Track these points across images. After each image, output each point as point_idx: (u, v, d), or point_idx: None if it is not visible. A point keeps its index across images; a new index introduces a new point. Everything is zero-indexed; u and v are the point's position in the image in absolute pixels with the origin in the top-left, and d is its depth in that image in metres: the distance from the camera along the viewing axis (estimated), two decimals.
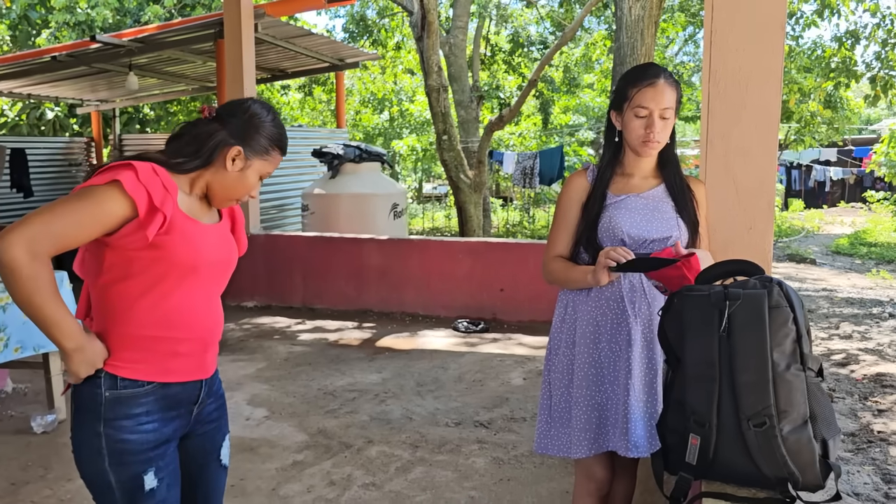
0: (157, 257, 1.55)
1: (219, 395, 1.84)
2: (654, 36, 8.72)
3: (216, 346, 1.77)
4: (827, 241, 14.59)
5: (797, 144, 19.48)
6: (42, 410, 4.09)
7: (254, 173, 1.69)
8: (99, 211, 1.47)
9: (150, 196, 1.50)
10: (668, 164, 2.12)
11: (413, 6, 9.97)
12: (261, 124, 1.68)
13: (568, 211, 2.14)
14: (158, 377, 1.61)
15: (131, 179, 1.48)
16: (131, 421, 1.58)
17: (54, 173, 10.94)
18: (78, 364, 1.54)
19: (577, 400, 2.09)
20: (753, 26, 2.17)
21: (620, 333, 2.05)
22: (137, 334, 1.58)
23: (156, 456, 1.62)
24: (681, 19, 16.94)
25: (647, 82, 2.00)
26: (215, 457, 1.83)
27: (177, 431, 1.69)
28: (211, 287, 1.69)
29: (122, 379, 1.57)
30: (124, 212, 1.49)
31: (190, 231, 1.59)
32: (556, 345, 2.19)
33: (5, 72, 9.29)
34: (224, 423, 1.86)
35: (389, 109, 21.31)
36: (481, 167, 10.50)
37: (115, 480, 1.58)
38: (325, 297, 7.00)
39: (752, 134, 2.20)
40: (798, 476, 1.49)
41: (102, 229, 1.49)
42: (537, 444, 2.21)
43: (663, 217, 2.05)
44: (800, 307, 1.54)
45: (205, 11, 14.10)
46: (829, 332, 6.24)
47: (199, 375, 1.70)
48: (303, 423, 4.01)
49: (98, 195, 1.47)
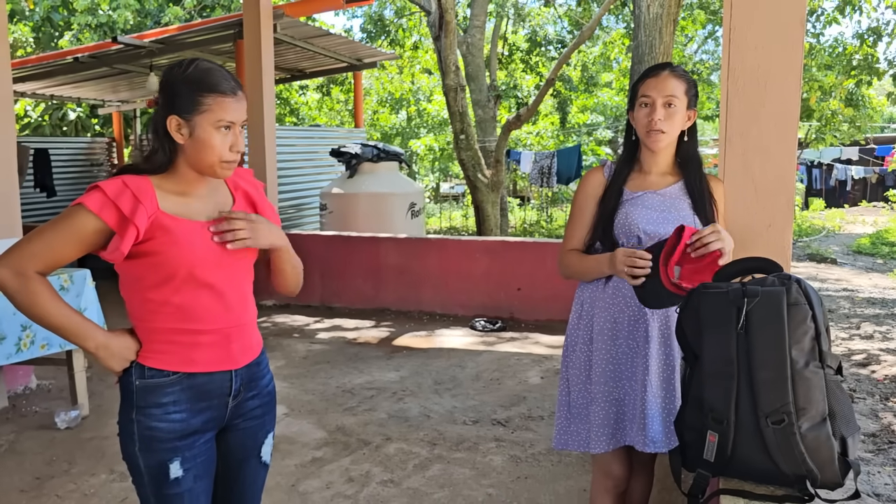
0: (153, 262, 1.60)
1: (265, 392, 1.83)
2: (672, 34, 8.67)
3: (246, 338, 1.74)
4: (848, 241, 14.43)
5: (818, 143, 19.27)
6: (66, 406, 4.15)
7: (207, 131, 1.59)
8: (69, 231, 1.57)
9: (118, 210, 1.56)
10: (688, 162, 2.11)
11: (431, 6, 9.99)
12: (177, 82, 1.60)
13: (584, 206, 2.16)
14: (183, 367, 1.65)
15: (95, 199, 1.56)
16: (160, 410, 1.64)
17: (76, 173, 11.09)
18: (105, 360, 1.63)
19: (595, 396, 2.10)
20: (772, 24, 2.16)
21: (638, 330, 2.06)
22: (158, 328, 1.64)
23: (183, 446, 1.65)
24: (700, 17, 16.81)
25: (651, 75, 2.06)
26: (256, 453, 1.83)
27: (208, 423, 1.70)
28: (223, 279, 1.66)
29: (150, 369, 1.64)
30: (96, 228, 1.57)
31: (176, 232, 1.59)
32: (574, 341, 2.20)
33: (29, 73, 9.43)
34: (268, 421, 1.85)
35: (407, 109, 21.35)
36: (499, 166, 10.50)
37: (143, 465, 1.65)
38: (344, 295, 7.04)
39: (772, 132, 2.19)
40: (816, 473, 1.49)
41: (81, 246, 1.60)
42: (556, 440, 2.22)
43: (679, 214, 2.05)
44: (818, 305, 1.54)
45: (224, 12, 14.23)
46: (850, 333, 6.18)
47: (226, 366, 1.70)
48: (322, 420, 4.04)
49: (67, 217, 1.58)
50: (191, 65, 1.63)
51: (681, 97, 2.02)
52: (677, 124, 2.04)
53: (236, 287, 1.70)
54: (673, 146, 2.09)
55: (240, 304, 1.72)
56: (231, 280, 1.69)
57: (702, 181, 2.10)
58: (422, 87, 21.05)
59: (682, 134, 2.09)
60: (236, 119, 1.62)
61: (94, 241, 1.59)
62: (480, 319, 6.26)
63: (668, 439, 1.99)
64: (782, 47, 2.15)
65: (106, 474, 3.36)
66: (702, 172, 2.12)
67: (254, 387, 1.78)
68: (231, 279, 1.69)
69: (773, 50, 2.16)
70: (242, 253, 1.69)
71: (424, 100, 21.11)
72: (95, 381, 4.60)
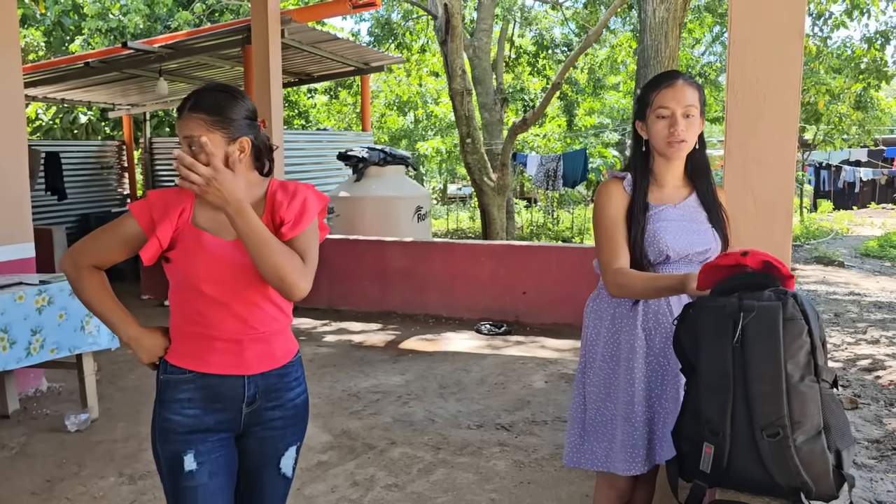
0: (173, 269, 1.75)
1: (291, 405, 1.84)
2: (678, 38, 8.69)
3: (263, 347, 1.77)
4: (856, 244, 14.38)
5: (826, 145, 19.22)
6: (76, 409, 4.21)
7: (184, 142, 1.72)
8: (115, 233, 1.78)
9: (151, 218, 1.73)
10: (698, 171, 2.11)
11: (437, 10, 10.03)
12: (244, 110, 1.78)
13: (616, 222, 2.05)
14: (198, 367, 1.75)
15: (139, 204, 1.76)
16: (177, 404, 1.76)
17: (87, 176, 11.17)
18: (136, 350, 1.82)
19: (625, 416, 2.06)
20: (771, 38, 2.19)
21: (670, 347, 2.01)
22: (182, 329, 1.78)
23: (195, 440, 1.75)
24: (707, 20, 16.80)
25: (665, 84, 2.02)
26: (274, 464, 1.85)
27: (221, 424, 1.77)
28: (233, 296, 1.71)
29: (171, 365, 1.78)
30: (137, 232, 1.75)
31: (193, 247, 1.71)
32: (592, 358, 2.16)
33: (40, 77, 9.52)
34: (290, 434, 1.86)
35: (414, 112, 21.41)
36: (505, 170, 10.53)
37: (161, 456, 1.77)
38: (350, 298, 7.09)
39: (770, 144, 2.22)
40: (811, 486, 1.52)
41: (127, 247, 1.78)
42: (568, 457, 2.19)
43: (700, 228, 2.06)
44: (815, 319, 1.56)
45: (233, 17, 14.31)
46: (857, 337, 6.18)
47: (238, 371, 1.75)
48: (327, 423, 4.08)
49: (117, 221, 1.80)
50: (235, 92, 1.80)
51: (697, 106, 2.02)
52: (695, 133, 2.04)
53: (252, 302, 1.73)
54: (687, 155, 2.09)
55: (256, 317, 1.74)
56: (245, 296, 1.72)
57: (712, 192, 2.10)
58: (429, 89, 21.09)
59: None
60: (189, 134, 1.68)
61: (137, 243, 1.75)
62: (486, 323, 6.30)
63: None
64: (781, 61, 2.18)
65: (115, 477, 3.40)
66: (711, 181, 2.12)
67: (276, 397, 1.81)
68: (245, 295, 1.72)
69: (771, 63, 2.18)
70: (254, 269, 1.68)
71: (432, 102, 21.16)
72: (105, 385, 4.66)
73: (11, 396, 4.30)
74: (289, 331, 1.87)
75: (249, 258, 1.68)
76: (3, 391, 4.26)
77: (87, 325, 4.04)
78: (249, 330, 1.74)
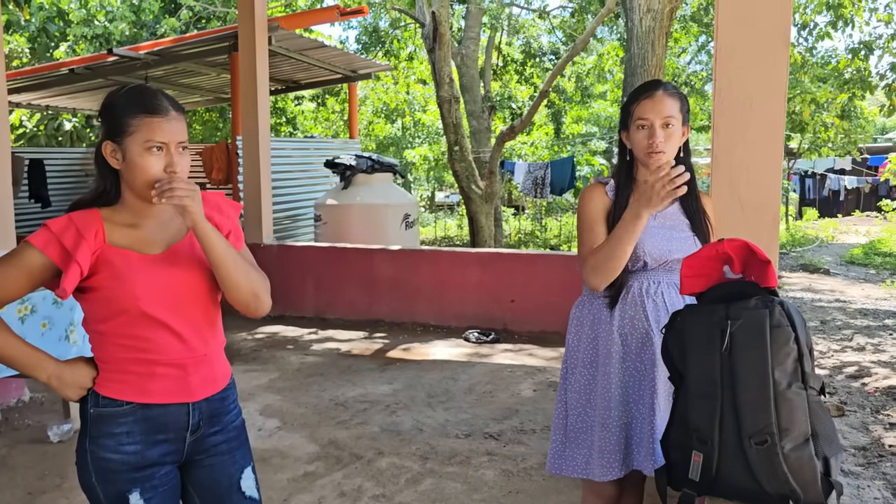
0: (100, 298, 1.59)
1: (231, 427, 1.77)
2: (665, 47, 8.74)
3: (206, 370, 1.68)
4: (841, 251, 14.49)
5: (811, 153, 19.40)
6: (58, 420, 4.15)
7: (136, 152, 1.56)
8: (17, 267, 1.58)
9: (62, 247, 1.56)
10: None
11: (425, 18, 10.06)
12: (110, 108, 1.60)
13: (595, 223, 2.10)
14: (137, 397, 1.62)
15: (41, 236, 1.58)
16: (112, 440, 1.61)
17: (72, 183, 11.08)
18: (59, 390, 1.64)
19: (596, 421, 2.08)
20: (757, 46, 2.20)
21: (645, 353, 2.05)
22: (112, 357, 1.62)
23: (141, 477, 1.62)
24: (693, 29, 16.95)
25: (645, 95, 2.05)
26: (235, 489, 1.76)
27: (166, 456, 1.66)
28: (175, 313, 1.61)
29: (104, 397, 1.62)
30: (42, 264, 1.58)
31: (120, 266, 1.58)
32: (573, 364, 2.18)
33: (25, 84, 9.46)
34: (241, 456, 1.78)
35: (402, 119, 21.43)
36: (493, 177, 10.55)
37: (102, 495, 1.63)
38: (337, 307, 7.05)
39: (757, 150, 2.22)
40: (800, 493, 1.52)
41: (29, 282, 1.60)
42: (550, 464, 2.20)
43: (680, 237, 2.08)
44: (802, 327, 1.57)
45: (220, 24, 14.28)
46: (843, 344, 6.21)
47: (182, 398, 1.65)
48: (314, 433, 4.05)
49: (16, 254, 1.60)
50: (123, 89, 1.63)
51: (677, 116, 2.04)
52: (675, 143, 2.06)
53: (191, 320, 1.65)
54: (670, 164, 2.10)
55: (197, 336, 1.66)
56: (185, 313, 1.64)
57: (696, 200, 2.12)
58: (416, 97, 21.13)
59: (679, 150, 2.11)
60: (168, 139, 1.58)
61: (42, 277, 1.59)
62: (474, 331, 6.28)
63: None
64: (767, 69, 2.19)
65: None
66: (696, 190, 2.14)
67: (217, 422, 1.73)
68: (184, 312, 1.64)
69: (758, 71, 2.19)
70: (193, 284, 1.64)
71: (419, 110, 21.19)
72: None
73: None
74: (223, 351, 1.78)
75: (183, 270, 1.63)
76: None
77: (72, 335, 4.00)
78: (191, 351, 1.64)
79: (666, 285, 2.07)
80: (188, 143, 1.65)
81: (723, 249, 1.64)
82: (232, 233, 1.75)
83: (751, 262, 1.64)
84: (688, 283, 1.70)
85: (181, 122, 1.63)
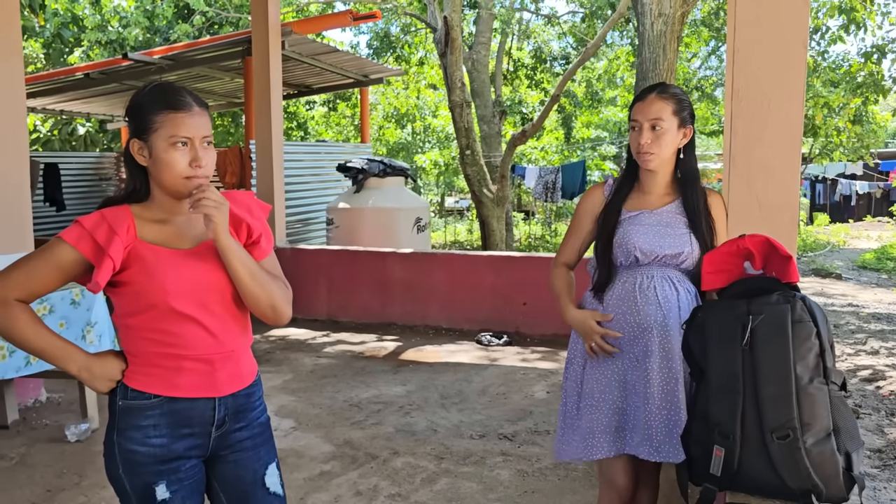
0: (131, 292, 1.62)
1: (257, 423, 1.79)
2: (676, 51, 8.75)
3: (233, 366, 1.71)
4: (853, 256, 14.42)
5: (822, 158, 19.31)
6: (76, 419, 4.19)
7: (161, 148, 1.59)
8: (49, 263, 1.61)
9: (94, 242, 1.59)
10: (686, 179, 2.17)
11: (437, 23, 10.10)
12: (135, 107, 1.64)
13: (581, 221, 2.27)
14: (164, 391, 1.64)
15: (73, 232, 1.60)
16: (139, 433, 1.64)
17: (86, 187, 11.18)
18: (89, 382, 1.66)
19: (597, 404, 2.15)
20: (776, 45, 2.21)
21: (637, 345, 2.11)
22: (141, 351, 1.65)
23: (167, 470, 1.65)
24: (704, 34, 16.93)
25: (638, 98, 2.15)
26: (260, 485, 1.78)
27: (192, 450, 1.68)
28: (203, 308, 1.64)
29: (132, 390, 1.65)
30: (74, 259, 1.60)
31: (151, 262, 1.60)
32: (573, 355, 2.29)
33: (40, 89, 9.55)
34: (265, 452, 1.80)
35: (412, 124, 21.49)
36: (504, 181, 10.57)
37: (129, 487, 1.66)
38: (350, 309, 7.08)
39: (775, 151, 2.23)
40: (822, 488, 1.52)
41: (61, 277, 1.62)
42: (555, 449, 2.30)
43: (675, 233, 2.12)
44: (823, 322, 1.57)
45: (233, 30, 14.38)
46: (856, 348, 6.19)
47: (209, 393, 1.67)
48: (329, 434, 4.07)
49: (48, 249, 1.62)
50: (147, 88, 1.65)
51: (668, 118, 2.08)
52: (666, 144, 2.10)
53: (220, 315, 1.67)
54: (670, 164, 2.16)
55: (225, 331, 1.68)
56: (213, 308, 1.66)
57: (698, 199, 2.15)
58: (427, 102, 21.19)
59: (679, 151, 2.14)
60: (192, 134, 1.60)
61: (74, 271, 1.62)
62: (486, 334, 6.29)
63: (672, 449, 2.02)
64: (785, 68, 2.20)
65: None
66: (699, 190, 2.17)
67: (242, 418, 1.75)
68: (213, 307, 1.66)
69: (776, 71, 2.20)
70: (222, 280, 1.66)
71: (429, 115, 21.24)
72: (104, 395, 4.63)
73: (11, 407, 4.28)
74: (250, 349, 1.80)
75: (212, 266, 1.65)
76: (3, 401, 4.23)
77: (89, 335, 4.03)
78: (219, 347, 1.66)
79: (660, 279, 2.12)
80: (213, 139, 1.67)
81: (744, 245, 1.65)
82: (263, 235, 1.77)
83: (772, 258, 1.66)
84: (709, 279, 1.72)
85: (205, 118, 1.65)
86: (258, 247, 1.76)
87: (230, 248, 1.62)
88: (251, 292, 1.67)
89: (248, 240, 1.74)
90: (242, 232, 1.74)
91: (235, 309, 1.71)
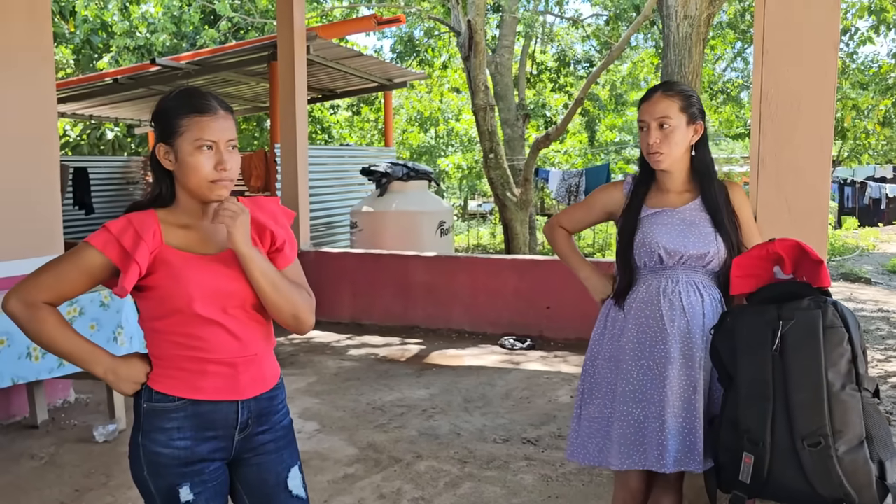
0: (157, 296, 1.64)
1: (279, 427, 1.79)
2: (701, 53, 8.67)
3: (256, 370, 1.72)
4: (883, 260, 14.16)
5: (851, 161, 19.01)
6: (103, 420, 4.24)
7: (187, 152, 1.60)
8: (76, 267, 1.64)
9: (121, 247, 1.60)
10: (702, 176, 2.14)
11: (460, 27, 10.12)
12: (159, 111, 1.66)
13: (593, 203, 2.30)
14: (188, 394, 1.66)
15: (100, 237, 1.62)
16: (164, 435, 1.66)
17: (114, 191, 11.35)
18: (115, 384, 1.69)
19: (618, 415, 2.12)
20: (805, 47, 2.18)
21: (657, 351, 2.07)
22: (166, 354, 1.67)
23: (191, 472, 1.66)
24: (729, 36, 16.75)
25: (644, 99, 2.13)
26: (283, 488, 1.79)
27: (215, 453, 1.69)
28: (226, 313, 1.65)
29: (157, 392, 1.67)
30: (101, 264, 1.62)
31: (177, 267, 1.62)
32: (595, 355, 2.25)
33: (70, 94, 9.70)
34: (288, 455, 1.81)
35: (435, 128, 21.52)
36: (527, 185, 10.54)
37: (154, 488, 1.68)
38: (373, 313, 7.09)
39: (805, 154, 2.20)
40: (854, 497, 1.50)
41: (88, 281, 1.65)
42: (567, 450, 2.28)
43: (700, 233, 2.07)
44: (855, 327, 1.55)
45: (258, 35, 14.51)
46: (887, 354, 6.08)
47: (232, 396, 1.68)
48: (353, 436, 4.08)
49: (75, 253, 1.65)
50: (173, 93, 1.67)
51: (674, 116, 2.05)
52: (676, 143, 2.07)
53: (243, 320, 1.69)
54: (683, 162, 2.13)
55: (249, 335, 1.70)
56: (237, 313, 1.67)
57: (718, 195, 2.11)
58: (450, 105, 21.21)
59: (692, 148, 2.12)
60: (217, 137, 1.61)
61: (101, 276, 1.65)
62: (509, 338, 6.27)
63: (691, 459, 1.98)
64: (815, 70, 2.17)
65: None
66: (716, 185, 2.13)
67: (265, 421, 1.76)
68: (237, 312, 1.67)
69: (806, 73, 2.17)
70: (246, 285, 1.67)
71: (453, 118, 21.25)
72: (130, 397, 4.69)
73: (41, 407, 4.35)
74: (273, 352, 1.81)
75: (237, 271, 1.65)
76: (33, 402, 4.30)
77: (119, 337, 4.08)
78: (242, 350, 1.67)
79: (685, 284, 2.07)
80: (237, 143, 1.68)
81: (773, 249, 1.63)
82: (287, 243, 1.77)
83: (802, 263, 1.63)
84: (738, 284, 1.69)
85: (230, 121, 1.66)
86: (282, 254, 1.76)
87: (251, 257, 1.63)
88: (273, 301, 1.68)
89: (271, 247, 1.75)
90: (266, 239, 1.74)
91: (258, 314, 1.72)
